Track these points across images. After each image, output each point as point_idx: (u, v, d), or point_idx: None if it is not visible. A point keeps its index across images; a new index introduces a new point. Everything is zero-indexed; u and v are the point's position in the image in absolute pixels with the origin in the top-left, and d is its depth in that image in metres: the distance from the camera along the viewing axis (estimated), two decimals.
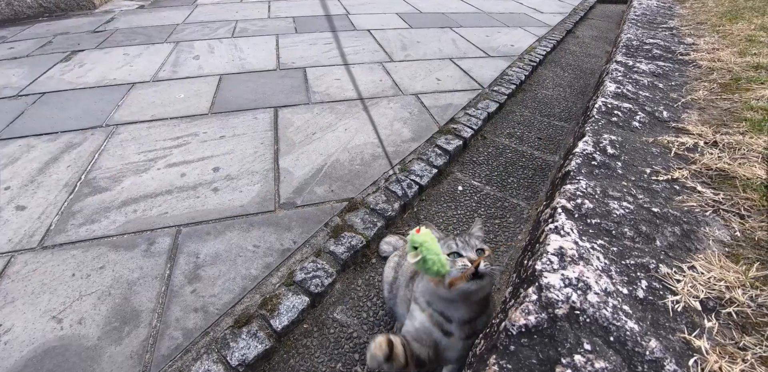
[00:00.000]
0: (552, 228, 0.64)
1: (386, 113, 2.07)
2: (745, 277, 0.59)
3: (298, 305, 1.12)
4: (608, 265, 0.58)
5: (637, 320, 0.51)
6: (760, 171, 0.81)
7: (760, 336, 0.50)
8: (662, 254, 0.61)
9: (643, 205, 0.71)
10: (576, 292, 0.53)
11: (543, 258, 0.58)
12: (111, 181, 1.64)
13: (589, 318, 0.50)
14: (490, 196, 1.67)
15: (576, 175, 0.75)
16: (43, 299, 1.19)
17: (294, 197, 1.53)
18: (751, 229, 0.69)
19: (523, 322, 0.51)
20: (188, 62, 2.66)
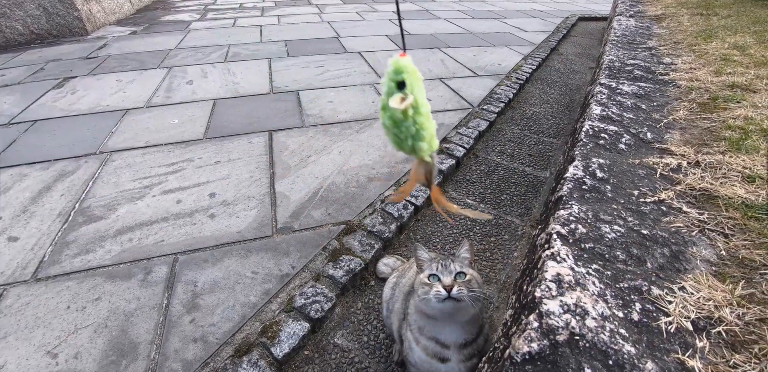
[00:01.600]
0: (549, 254, 0.68)
1: (380, 134, 2.14)
2: (732, 295, 0.63)
3: (298, 331, 1.14)
4: (603, 290, 0.61)
5: (633, 343, 0.55)
6: (741, 190, 0.88)
7: (749, 354, 0.53)
8: (653, 276, 0.65)
9: (633, 227, 0.76)
10: (575, 318, 0.56)
11: (542, 285, 0.62)
12: (106, 209, 1.66)
13: (589, 343, 0.53)
14: (484, 212, 1.71)
15: (568, 199, 0.81)
16: (37, 334, 1.19)
17: (291, 221, 1.57)
18: (735, 247, 0.74)
19: (526, 349, 0.54)
20: (182, 87, 2.74)
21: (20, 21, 3.81)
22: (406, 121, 0.49)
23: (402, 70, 0.47)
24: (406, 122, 0.49)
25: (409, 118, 0.48)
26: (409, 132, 0.49)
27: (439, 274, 0.78)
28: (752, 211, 0.81)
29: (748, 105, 1.33)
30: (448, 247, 1.55)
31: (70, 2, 3.93)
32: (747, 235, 0.74)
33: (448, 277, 0.76)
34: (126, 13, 5.12)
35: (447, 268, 0.79)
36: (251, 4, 5.84)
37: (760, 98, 1.39)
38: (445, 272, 0.78)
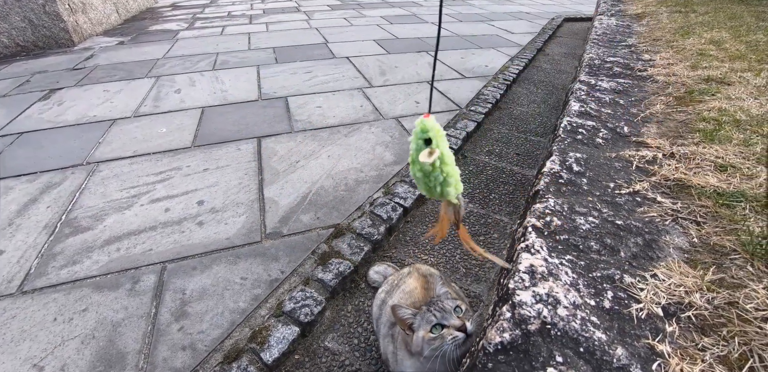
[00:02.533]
0: (523, 247, 0.69)
1: (368, 138, 2.16)
2: (702, 281, 0.65)
3: (288, 336, 1.14)
4: (576, 279, 0.63)
5: (604, 330, 0.56)
6: (713, 179, 0.90)
7: (717, 336, 0.55)
8: (626, 265, 0.67)
9: (607, 218, 0.78)
10: (546, 308, 0.58)
11: (515, 276, 0.63)
12: (93, 220, 1.66)
13: (560, 331, 0.55)
14: (474, 213, 1.73)
15: (545, 193, 0.82)
16: (23, 347, 1.18)
17: (280, 227, 1.57)
18: (706, 234, 0.76)
19: (498, 339, 0.55)
20: (170, 96, 2.75)
21: (5, 34, 3.82)
22: (435, 172, 0.54)
23: (428, 130, 0.54)
24: (434, 173, 0.54)
25: (436, 169, 0.54)
26: (438, 180, 0.55)
27: (442, 321, 0.72)
28: (723, 199, 0.84)
29: (722, 97, 1.37)
30: (438, 247, 1.56)
31: (56, 14, 3.94)
32: (718, 222, 0.76)
33: (454, 319, 0.71)
34: (113, 24, 5.13)
35: (444, 310, 0.74)
36: (240, 13, 5.89)
37: (734, 90, 1.43)
38: (446, 315, 0.73)
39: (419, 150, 0.55)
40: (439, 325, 0.73)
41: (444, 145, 0.56)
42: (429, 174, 0.55)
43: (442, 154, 0.54)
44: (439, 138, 0.54)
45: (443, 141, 0.56)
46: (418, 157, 0.54)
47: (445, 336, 0.71)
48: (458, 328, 0.71)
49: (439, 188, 0.57)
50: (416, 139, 0.56)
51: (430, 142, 0.54)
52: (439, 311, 0.75)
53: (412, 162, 0.56)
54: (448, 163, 0.56)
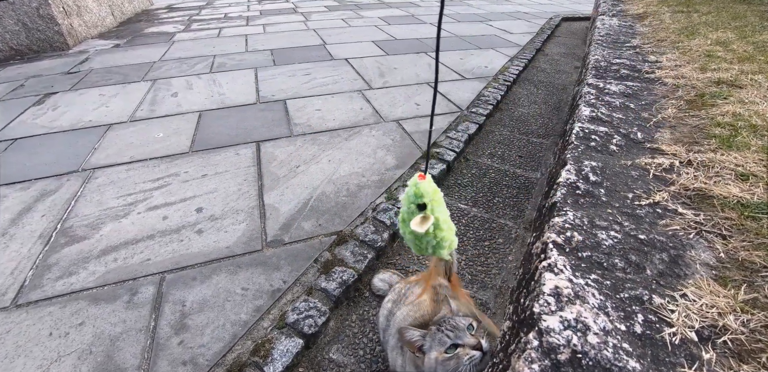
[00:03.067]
0: (545, 266, 0.66)
1: (369, 141, 2.13)
2: (735, 301, 0.61)
3: (291, 349, 1.11)
4: (604, 302, 0.59)
5: (637, 358, 0.52)
6: (735, 189, 0.87)
7: (756, 363, 0.52)
8: (654, 283, 0.63)
9: (629, 232, 0.75)
10: (576, 335, 0.54)
11: (540, 299, 0.60)
12: (89, 229, 1.62)
13: (592, 361, 0.51)
14: (478, 217, 1.70)
15: (563, 206, 0.79)
16: (17, 364, 1.14)
17: (281, 234, 1.53)
18: (734, 249, 0.72)
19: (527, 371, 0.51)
20: (166, 100, 2.71)
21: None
22: (427, 237, 0.50)
23: (421, 195, 0.48)
24: (426, 237, 0.50)
25: (429, 234, 0.50)
26: (430, 244, 0.51)
27: (456, 340, 0.69)
28: (748, 211, 0.80)
29: (735, 101, 1.34)
30: None
31: (50, 17, 3.89)
32: (745, 235, 0.73)
33: (468, 337, 0.68)
34: (108, 27, 5.08)
35: (457, 328, 0.70)
36: (236, 14, 5.84)
37: (746, 94, 1.40)
38: (460, 333, 0.70)
39: (412, 213, 0.50)
40: (453, 345, 0.70)
41: (440, 210, 0.51)
42: (421, 238, 0.51)
43: (436, 220, 0.49)
44: (435, 202, 0.49)
45: (439, 204, 0.51)
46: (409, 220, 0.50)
47: (461, 356, 0.68)
48: (474, 346, 0.68)
49: (431, 250, 0.53)
50: (408, 202, 0.51)
51: (424, 206, 0.49)
52: (451, 330, 0.72)
53: (402, 222, 0.52)
54: (443, 229, 0.51)
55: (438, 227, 0.50)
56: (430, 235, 0.51)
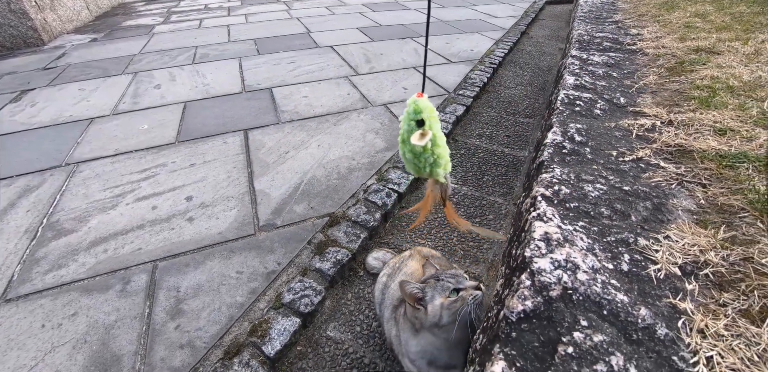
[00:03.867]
0: (535, 216, 0.67)
1: (357, 126, 2.10)
2: (715, 239, 0.64)
3: (289, 328, 1.10)
4: (592, 244, 0.61)
5: (625, 292, 0.54)
6: (714, 143, 0.89)
7: (737, 291, 0.54)
8: (639, 228, 0.65)
9: (615, 185, 0.76)
10: (566, 273, 0.56)
11: (531, 245, 0.61)
12: (76, 222, 1.58)
13: (582, 296, 0.53)
14: (468, 196, 1.70)
15: (550, 163, 0.80)
16: (10, 357, 1.11)
17: (273, 218, 1.51)
18: (713, 195, 0.75)
19: (520, 308, 0.53)
20: (149, 92, 2.63)
21: None
22: (425, 154, 0.52)
23: (421, 111, 0.51)
24: (425, 154, 0.52)
25: (428, 150, 0.51)
26: (428, 161, 0.53)
27: (458, 285, 0.73)
28: (726, 161, 0.83)
29: (713, 66, 1.35)
30: (434, 231, 1.53)
31: (23, 12, 3.72)
32: (723, 183, 0.75)
33: (468, 281, 0.72)
34: (84, 21, 4.89)
35: (455, 276, 0.75)
36: (216, 5, 5.67)
37: (724, 59, 1.41)
38: (460, 279, 0.74)
39: (411, 131, 0.51)
40: (455, 290, 0.73)
41: (436, 127, 0.53)
42: (419, 155, 0.52)
43: (434, 136, 0.51)
44: (432, 119, 0.51)
45: (436, 122, 0.53)
46: (408, 138, 0.51)
47: (465, 297, 0.71)
48: (475, 287, 0.71)
49: (429, 169, 0.54)
50: (408, 119, 0.52)
51: (422, 123, 0.51)
52: (451, 278, 0.75)
53: (402, 142, 0.53)
54: (439, 145, 0.53)
55: (435, 143, 0.51)
56: (428, 151, 0.52)
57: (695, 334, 0.48)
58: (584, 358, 0.46)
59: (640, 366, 0.45)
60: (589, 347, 0.47)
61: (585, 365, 0.45)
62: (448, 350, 0.74)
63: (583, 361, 0.45)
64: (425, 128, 0.50)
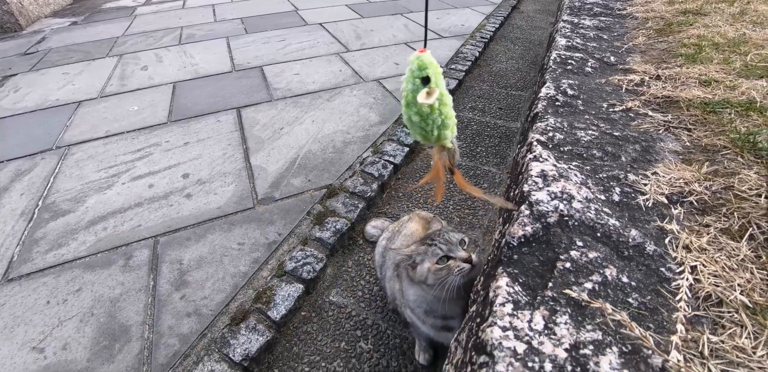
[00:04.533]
0: (531, 157, 0.68)
1: (351, 101, 2.05)
2: (699, 173, 0.67)
3: (293, 293, 1.10)
4: (585, 180, 0.63)
5: (617, 218, 0.57)
6: (699, 92, 0.90)
7: (718, 214, 0.58)
8: (628, 167, 0.67)
9: (605, 131, 0.78)
10: (562, 203, 0.59)
11: (528, 181, 0.63)
12: (73, 202, 1.54)
13: (577, 221, 0.56)
14: (463, 166, 1.69)
15: (544, 114, 0.81)
16: (18, 332, 1.10)
17: (272, 192, 1.49)
18: (697, 138, 0.77)
19: (521, 233, 0.55)
20: (136, 74, 2.52)
21: None
22: (433, 114, 0.48)
23: (425, 67, 0.46)
24: (432, 114, 0.48)
25: (435, 110, 0.48)
26: (436, 123, 0.49)
27: (449, 253, 0.70)
28: (710, 107, 0.85)
29: (700, 26, 1.33)
30: (430, 200, 1.52)
31: None
32: (707, 126, 0.78)
33: (460, 251, 0.69)
34: (62, 4, 4.62)
35: (449, 242, 0.71)
36: None
37: (710, 20, 1.39)
38: (452, 247, 0.71)
39: (416, 90, 0.47)
40: (445, 257, 0.71)
41: (442, 84, 0.49)
42: (427, 117, 0.48)
43: (440, 94, 0.47)
44: (437, 76, 0.47)
45: (441, 79, 0.48)
46: (413, 99, 0.47)
47: (452, 267, 0.69)
48: (464, 259, 0.69)
49: (437, 132, 0.50)
50: (411, 78, 0.48)
51: (427, 80, 0.47)
52: (444, 244, 0.72)
53: (407, 105, 0.49)
54: (447, 104, 0.49)
55: (442, 102, 0.48)
56: (435, 111, 0.48)
57: (681, 250, 0.51)
58: (581, 271, 0.48)
59: (632, 276, 0.47)
60: (584, 262, 0.49)
61: (582, 277, 0.48)
62: (443, 303, 0.74)
63: (579, 273, 0.48)
64: (431, 85, 0.46)
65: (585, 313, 0.43)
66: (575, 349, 0.40)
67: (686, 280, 0.47)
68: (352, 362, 1.02)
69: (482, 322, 0.48)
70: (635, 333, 0.42)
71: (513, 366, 0.39)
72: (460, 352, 0.57)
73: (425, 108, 0.48)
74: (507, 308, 0.45)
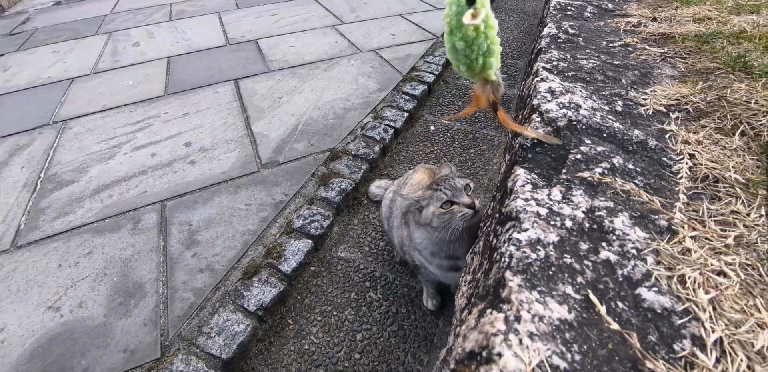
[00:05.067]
0: (539, 80, 0.69)
1: (349, 70, 1.98)
2: (694, 89, 0.70)
3: (302, 248, 1.09)
4: (590, 95, 0.66)
5: (621, 123, 0.60)
6: (693, 27, 0.91)
7: (713, 117, 0.62)
8: (629, 87, 0.69)
9: (606, 61, 0.82)
10: (570, 111, 0.61)
11: (538, 96, 0.65)
12: (76, 173, 1.49)
13: (584, 125, 0.59)
14: (462, 130, 1.66)
15: (547, 48, 0.83)
16: (32, 294, 1.08)
17: (275, 156, 1.45)
18: (692, 64, 0.81)
19: (534, 135, 0.57)
20: (128, 50, 2.41)
21: None
22: (479, 38, 0.45)
23: None
24: (478, 39, 0.45)
25: (481, 33, 0.44)
26: (481, 49, 0.46)
27: (453, 198, 0.70)
28: (704, 38, 0.88)
29: None
30: (431, 162, 1.50)
31: None
32: (701, 54, 0.84)
33: (464, 197, 0.69)
34: None
35: (454, 188, 0.70)
36: None
37: None
38: (457, 193, 0.70)
39: (460, 13, 0.44)
40: (449, 202, 0.70)
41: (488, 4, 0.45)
42: (472, 42, 0.45)
43: (486, 15, 0.44)
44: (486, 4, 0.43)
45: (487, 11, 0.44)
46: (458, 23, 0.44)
47: (455, 212, 0.69)
48: (468, 205, 0.69)
49: (482, 60, 0.47)
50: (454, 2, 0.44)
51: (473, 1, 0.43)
52: (449, 189, 0.71)
53: (450, 32, 0.46)
54: (492, 27, 0.46)
55: (488, 25, 0.45)
56: (481, 35, 0.45)
57: (680, 144, 0.55)
58: (591, 160, 0.52)
59: (637, 164, 0.51)
60: (594, 154, 0.53)
61: (592, 164, 0.51)
62: (447, 245, 0.74)
63: (590, 162, 0.51)
64: (477, 6, 0.43)
65: (597, 189, 0.47)
66: (591, 212, 0.43)
67: (686, 164, 0.51)
68: (362, 310, 1.03)
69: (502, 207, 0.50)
70: (643, 198, 0.44)
71: (538, 223, 0.42)
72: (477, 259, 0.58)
73: (470, 32, 0.44)
74: (527, 188, 0.48)
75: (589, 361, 0.32)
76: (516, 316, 0.35)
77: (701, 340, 0.33)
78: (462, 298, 0.55)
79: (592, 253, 0.39)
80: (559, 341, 0.33)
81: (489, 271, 0.44)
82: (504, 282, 0.37)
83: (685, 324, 0.34)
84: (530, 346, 0.33)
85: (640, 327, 0.35)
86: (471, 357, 0.34)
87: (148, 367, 0.90)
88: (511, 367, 0.32)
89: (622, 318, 0.35)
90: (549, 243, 0.41)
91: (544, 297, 0.36)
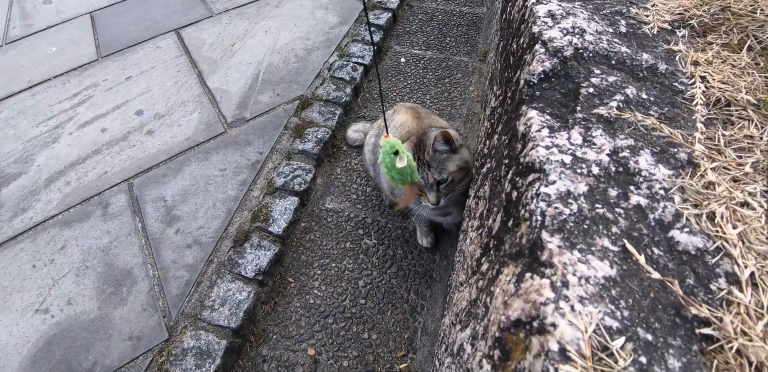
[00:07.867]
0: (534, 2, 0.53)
1: (303, 4, 1.41)
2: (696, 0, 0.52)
3: (289, 206, 0.79)
4: (592, 15, 0.52)
5: (627, 46, 0.48)
6: None
7: (719, 32, 0.49)
8: (627, 2, 0.54)
9: None
10: (575, 37, 0.47)
11: (537, 22, 0.49)
12: (20, 164, 1.06)
13: (591, 52, 0.46)
14: (434, 59, 1.25)
15: None
16: (13, 301, 0.79)
17: (240, 112, 1.05)
18: None
19: (540, 69, 0.44)
20: (40, 10, 1.66)
21: None
22: (406, 170, 0.55)
23: (394, 145, 0.52)
24: (406, 171, 0.54)
25: (407, 168, 0.54)
26: (408, 174, 0.55)
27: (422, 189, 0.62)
28: None
29: None
30: (407, 97, 1.13)
31: None
32: None
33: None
34: None
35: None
36: None
37: None
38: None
39: (393, 161, 0.52)
40: None
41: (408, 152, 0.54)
42: (403, 172, 0.53)
43: (408, 158, 0.53)
44: (400, 147, 0.52)
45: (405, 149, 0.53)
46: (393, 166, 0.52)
47: (422, 202, 0.63)
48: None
49: (409, 178, 0.55)
50: (387, 154, 0.52)
51: (397, 152, 0.52)
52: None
53: (387, 170, 0.54)
54: (412, 163, 0.54)
55: (409, 161, 0.53)
56: (407, 168, 0.53)
57: (689, 66, 0.45)
58: (604, 94, 0.42)
59: (650, 93, 0.42)
60: (606, 86, 0.43)
61: (605, 98, 0.41)
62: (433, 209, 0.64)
63: (603, 96, 0.42)
64: (400, 154, 0.51)
65: (615, 126, 0.38)
66: (615, 153, 0.35)
67: (699, 89, 0.41)
68: (360, 258, 0.80)
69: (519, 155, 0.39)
70: (665, 132, 0.36)
71: (564, 173, 0.34)
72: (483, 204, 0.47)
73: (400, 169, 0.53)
74: (544, 133, 0.38)
75: (636, 314, 0.25)
76: (563, 282, 0.27)
77: (735, 276, 0.27)
78: (472, 244, 0.47)
79: (622, 199, 0.32)
80: (607, 300, 0.26)
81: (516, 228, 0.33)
82: (542, 243, 0.29)
83: (718, 262, 0.28)
84: (582, 311, 0.25)
85: (678, 271, 0.27)
86: (517, 325, 0.27)
87: (159, 349, 0.68)
88: (569, 337, 0.24)
89: (659, 264, 0.28)
90: (580, 194, 0.32)
91: (585, 255, 0.28)
